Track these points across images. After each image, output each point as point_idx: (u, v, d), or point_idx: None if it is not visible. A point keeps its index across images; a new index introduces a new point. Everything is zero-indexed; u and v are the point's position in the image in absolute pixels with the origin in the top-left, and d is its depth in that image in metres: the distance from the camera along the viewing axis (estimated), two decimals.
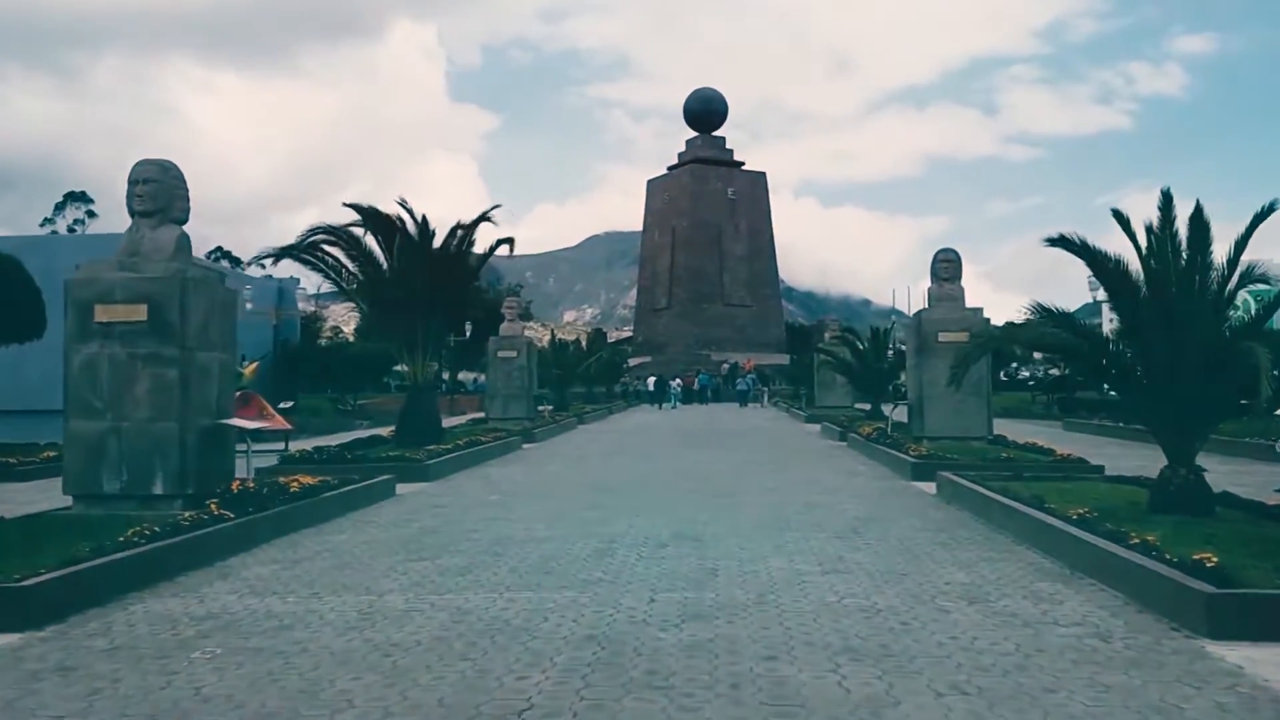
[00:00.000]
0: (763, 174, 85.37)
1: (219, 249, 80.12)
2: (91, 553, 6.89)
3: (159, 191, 9.67)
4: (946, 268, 17.75)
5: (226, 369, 10.01)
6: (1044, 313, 9.54)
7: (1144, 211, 9.22)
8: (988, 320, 17.62)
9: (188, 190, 9.94)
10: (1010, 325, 10.45)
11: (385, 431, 20.96)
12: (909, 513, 10.89)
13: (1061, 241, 9.18)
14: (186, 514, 8.37)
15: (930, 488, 12.93)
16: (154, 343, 9.28)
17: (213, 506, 8.68)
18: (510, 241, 18.85)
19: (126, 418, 9.22)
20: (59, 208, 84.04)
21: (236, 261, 73.40)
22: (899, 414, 19.49)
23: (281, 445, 19.79)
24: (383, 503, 12.01)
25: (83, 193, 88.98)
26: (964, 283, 17.68)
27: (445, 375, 60.71)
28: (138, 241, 9.66)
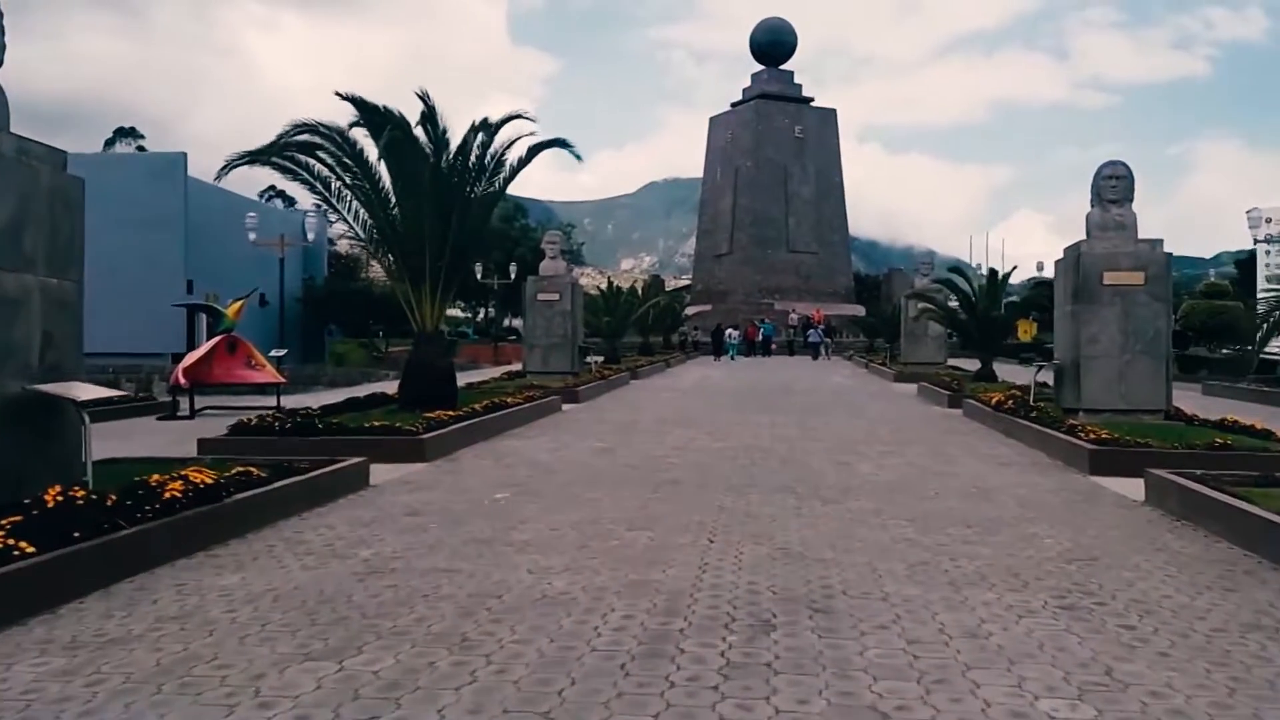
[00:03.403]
0: (833, 111, 79.66)
1: (272, 187, 76.77)
2: None
3: None
4: (1114, 186, 13.43)
5: (59, 301, 6.29)
6: None
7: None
8: (1169, 255, 13.43)
9: None
10: None
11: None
12: (1140, 545, 6.91)
13: None
14: None
15: (1129, 488, 9.00)
16: None
17: None
18: (565, 144, 14.75)
19: None
20: (109, 144, 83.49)
21: (291, 201, 70.69)
22: (1042, 377, 15.34)
23: (273, 401, 16.60)
24: (340, 502, 8.34)
25: (132, 128, 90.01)
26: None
27: (491, 321, 57.31)
28: None
